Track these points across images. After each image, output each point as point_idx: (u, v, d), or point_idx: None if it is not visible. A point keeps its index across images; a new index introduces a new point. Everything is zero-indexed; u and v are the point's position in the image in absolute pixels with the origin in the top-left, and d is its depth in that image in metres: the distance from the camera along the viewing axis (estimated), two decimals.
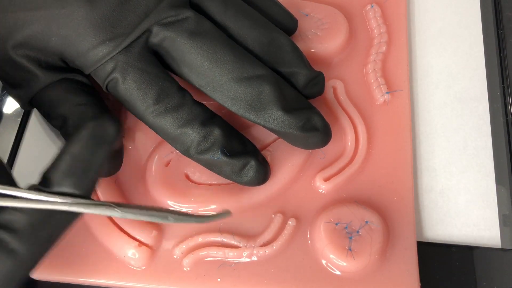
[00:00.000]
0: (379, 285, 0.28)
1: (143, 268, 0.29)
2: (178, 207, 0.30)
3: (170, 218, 0.25)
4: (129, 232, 0.29)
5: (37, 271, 0.29)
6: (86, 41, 0.27)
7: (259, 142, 0.32)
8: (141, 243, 0.29)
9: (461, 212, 0.31)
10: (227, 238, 0.30)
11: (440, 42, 0.37)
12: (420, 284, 0.29)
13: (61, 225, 0.24)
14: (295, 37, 0.34)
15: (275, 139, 0.32)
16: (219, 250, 0.29)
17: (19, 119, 0.35)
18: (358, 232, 0.29)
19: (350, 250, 0.28)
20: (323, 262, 0.29)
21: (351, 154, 0.32)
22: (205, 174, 0.31)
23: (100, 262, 0.29)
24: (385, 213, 0.30)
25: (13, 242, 0.22)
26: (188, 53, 0.28)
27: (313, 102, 0.34)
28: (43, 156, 0.34)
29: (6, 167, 0.25)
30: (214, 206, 0.30)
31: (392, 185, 0.31)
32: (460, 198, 0.32)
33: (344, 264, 0.28)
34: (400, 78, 0.34)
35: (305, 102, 0.29)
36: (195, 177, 0.31)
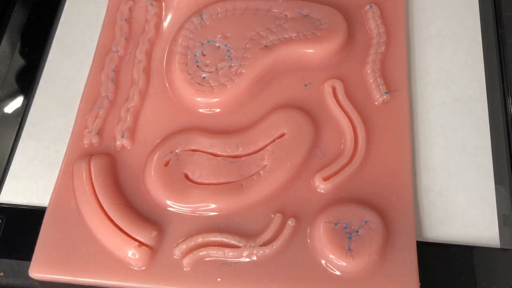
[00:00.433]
0: (379, 285, 0.28)
1: (143, 268, 0.29)
2: (177, 207, 0.31)
3: None
4: (129, 232, 0.29)
5: (37, 271, 0.29)
6: None
7: (258, 143, 0.32)
8: (141, 244, 0.29)
9: (460, 212, 0.31)
10: (227, 238, 0.30)
11: (439, 42, 0.37)
12: (419, 283, 0.29)
13: None
14: (295, 38, 0.34)
15: (274, 139, 0.32)
16: (219, 250, 0.29)
17: (19, 119, 0.35)
18: (357, 232, 0.29)
19: (349, 250, 0.28)
20: (323, 262, 0.29)
21: (350, 154, 0.32)
22: (204, 174, 0.31)
23: (100, 263, 0.29)
24: (384, 213, 0.30)
25: None
26: None
27: (312, 102, 0.34)
28: (42, 155, 0.34)
29: None
30: (213, 205, 0.30)
31: (391, 185, 0.31)
32: (459, 198, 0.32)
33: (343, 264, 0.28)
34: (399, 78, 0.34)
35: None
36: (195, 176, 0.31)
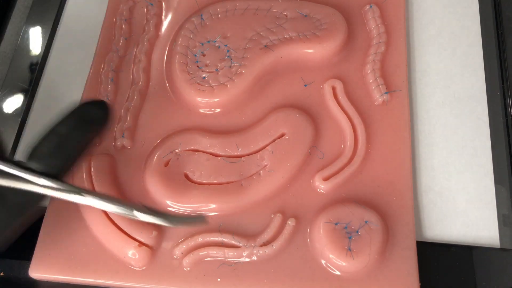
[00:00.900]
0: (379, 285, 0.28)
1: (143, 268, 0.29)
2: (177, 207, 0.31)
3: (135, 212, 0.25)
4: (129, 232, 0.29)
5: (37, 271, 0.29)
6: None
7: (258, 143, 0.32)
8: (141, 244, 0.29)
9: (460, 212, 0.31)
10: (227, 238, 0.30)
11: (438, 42, 0.37)
12: (419, 283, 0.29)
13: (26, 200, 0.24)
14: (295, 38, 0.34)
15: (274, 139, 0.32)
16: (219, 250, 0.29)
17: (19, 119, 0.35)
18: (357, 232, 0.29)
19: (349, 250, 0.28)
20: (323, 262, 0.29)
21: (350, 154, 0.32)
22: (204, 174, 0.31)
23: (100, 263, 0.29)
24: (384, 212, 0.30)
25: None
26: None
27: (312, 102, 0.34)
28: None
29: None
30: (213, 205, 0.30)
31: (391, 184, 0.31)
32: (459, 198, 0.32)
33: (343, 264, 0.28)
34: (399, 78, 0.34)
35: None
36: (195, 176, 0.31)
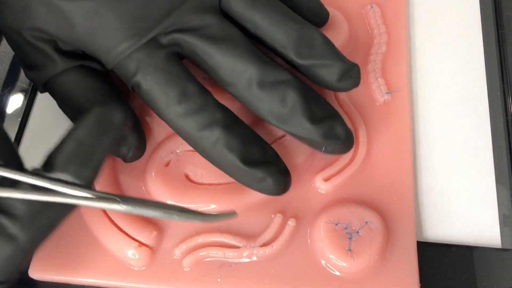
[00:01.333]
0: (379, 285, 0.28)
1: (143, 268, 0.29)
2: None
3: (174, 215, 0.24)
4: (129, 232, 0.29)
5: (37, 271, 0.29)
6: (109, 35, 0.27)
7: None
8: (141, 244, 0.29)
9: (461, 212, 0.31)
10: (227, 238, 0.30)
11: (440, 42, 0.37)
12: (420, 284, 0.29)
13: (60, 212, 0.24)
14: None
15: (275, 139, 0.32)
16: (219, 250, 0.29)
17: (19, 119, 0.35)
18: (358, 232, 0.29)
19: (350, 250, 0.28)
20: (323, 262, 0.29)
21: (351, 154, 0.32)
22: (205, 174, 0.31)
23: (100, 263, 0.29)
24: (385, 213, 0.30)
25: (12, 228, 0.22)
26: (211, 58, 0.27)
27: None
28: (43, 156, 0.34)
29: (14, 147, 0.25)
30: (214, 206, 0.30)
31: (392, 185, 0.31)
32: (460, 198, 0.32)
33: (344, 264, 0.28)
34: (400, 78, 0.34)
35: (329, 108, 0.29)
36: (195, 177, 0.31)
